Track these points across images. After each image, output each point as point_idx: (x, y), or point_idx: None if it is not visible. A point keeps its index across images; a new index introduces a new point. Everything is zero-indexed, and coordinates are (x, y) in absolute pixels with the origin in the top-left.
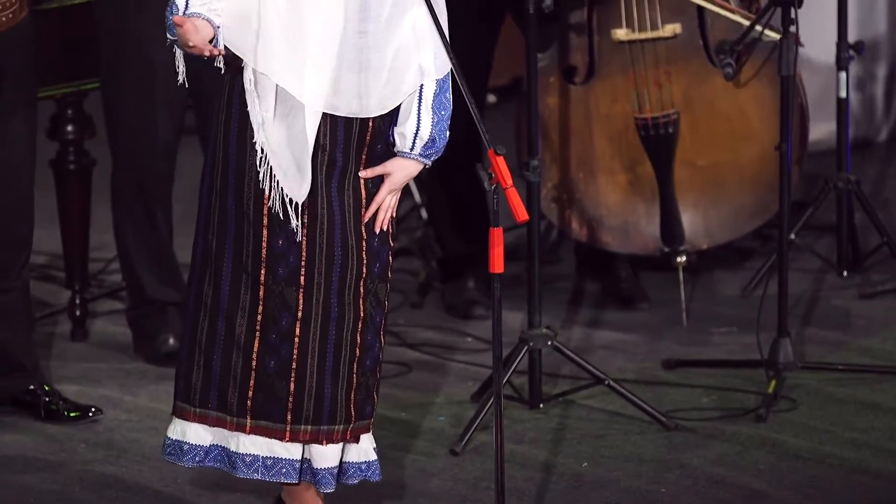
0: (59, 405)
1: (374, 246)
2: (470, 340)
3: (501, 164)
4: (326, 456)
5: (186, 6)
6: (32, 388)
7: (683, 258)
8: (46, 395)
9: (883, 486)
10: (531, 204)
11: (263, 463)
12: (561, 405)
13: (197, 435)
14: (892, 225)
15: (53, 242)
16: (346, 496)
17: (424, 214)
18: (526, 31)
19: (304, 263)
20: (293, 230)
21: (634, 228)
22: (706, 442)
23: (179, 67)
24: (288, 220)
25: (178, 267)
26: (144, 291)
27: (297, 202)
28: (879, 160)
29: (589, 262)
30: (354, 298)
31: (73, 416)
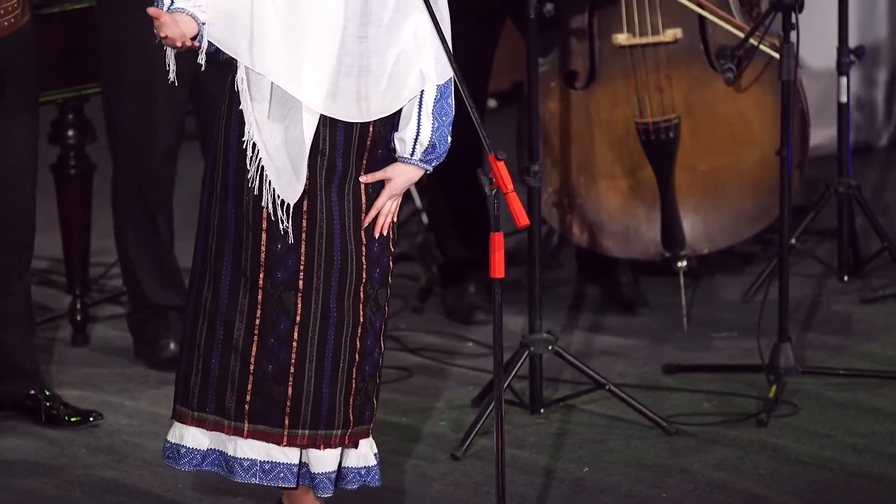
0: (59, 410)
1: (373, 251)
2: (471, 345)
3: (502, 168)
4: (324, 461)
5: (172, 2)
6: (33, 392)
7: (684, 263)
8: (47, 399)
9: (884, 490)
10: (532, 209)
11: (261, 467)
12: (562, 410)
13: (194, 439)
14: (892, 230)
15: (54, 247)
16: (346, 501)
17: (425, 219)
18: (527, 35)
19: (302, 268)
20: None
21: (635, 233)
22: (707, 447)
23: (170, 66)
24: (280, 221)
25: (179, 271)
26: (145, 296)
27: (289, 204)
28: (880, 165)
29: (590, 266)
30: (354, 303)
31: (73, 420)
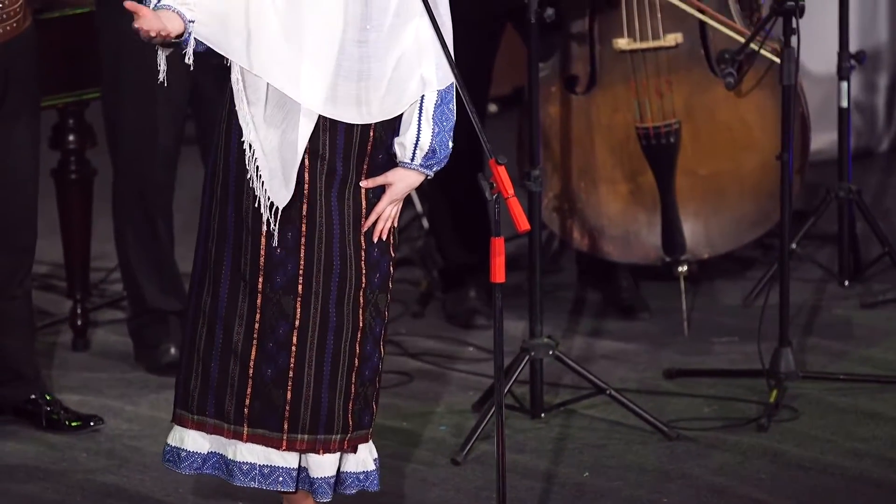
0: (60, 414)
1: (373, 256)
2: (471, 350)
3: (503, 173)
4: (323, 465)
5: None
6: (34, 397)
7: (685, 268)
8: (48, 404)
9: (884, 495)
10: (532, 214)
11: (260, 471)
12: (562, 415)
13: (195, 442)
14: (893, 234)
15: (55, 252)
16: None
17: (426, 224)
18: (527, 40)
19: (301, 272)
20: (290, 238)
21: (636, 238)
22: (707, 451)
23: (161, 67)
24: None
25: (179, 276)
26: (145, 301)
27: (277, 207)
28: (881, 170)
29: (590, 271)
30: (354, 308)
31: (74, 425)
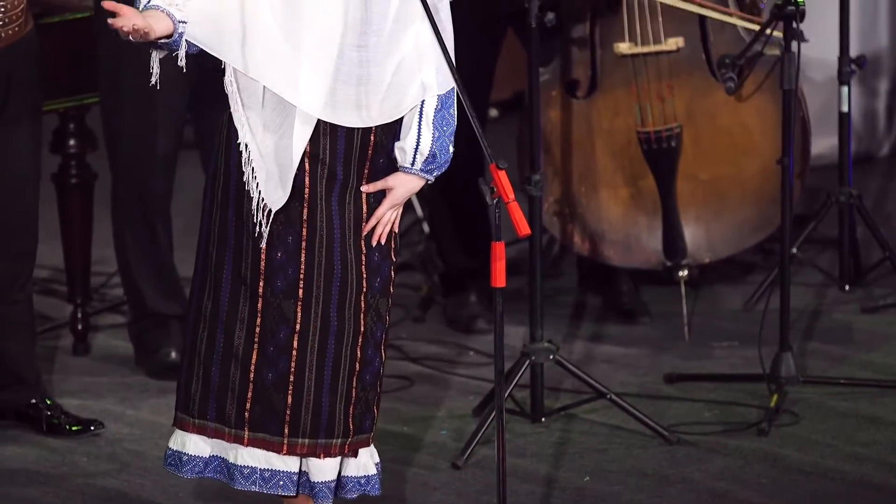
0: (60, 419)
1: (374, 261)
2: (472, 354)
3: (503, 178)
4: (324, 469)
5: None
6: (34, 401)
7: (685, 272)
8: (48, 408)
9: (885, 499)
10: (533, 218)
11: (261, 475)
12: (563, 419)
13: (196, 446)
14: (893, 239)
15: (55, 256)
16: None
17: (426, 228)
18: (528, 44)
19: (302, 276)
20: (291, 242)
21: (636, 242)
22: (708, 456)
23: (154, 69)
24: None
25: (179, 280)
26: (146, 305)
27: (270, 210)
28: (881, 174)
29: (591, 276)
30: (355, 313)
31: (74, 429)
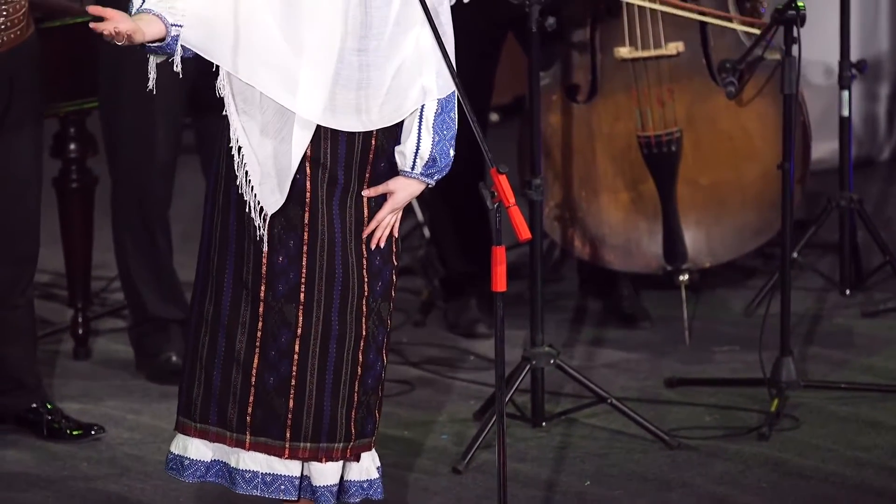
0: (61, 423)
1: (375, 265)
2: (472, 359)
3: (504, 182)
4: (326, 474)
5: (143, 2)
6: (35, 406)
7: (686, 277)
8: (49, 413)
9: None
10: (534, 222)
11: (263, 479)
12: (563, 424)
13: (198, 450)
14: (894, 244)
15: (56, 261)
16: None
17: (427, 233)
18: (528, 49)
19: (304, 281)
20: (292, 246)
21: (637, 247)
22: (709, 460)
23: (152, 74)
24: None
25: (179, 284)
26: (146, 309)
27: (267, 213)
28: (882, 179)
29: (591, 280)
30: (357, 317)
31: (75, 434)
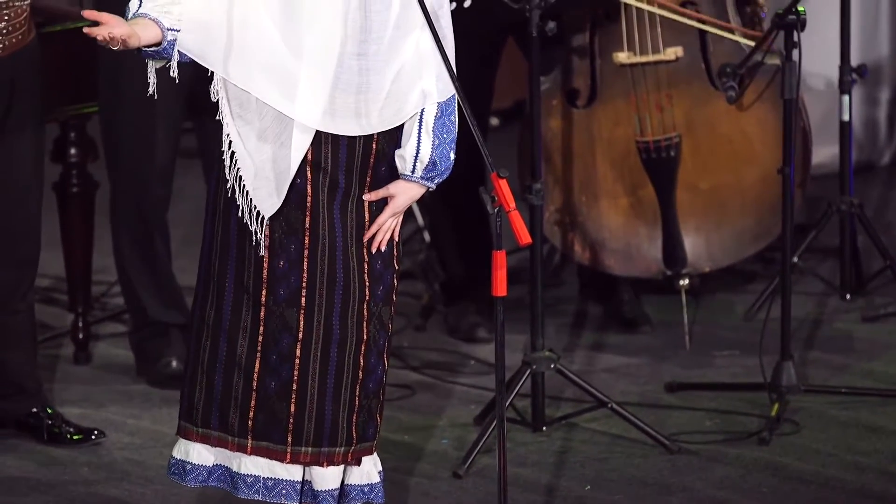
0: (61, 428)
1: (376, 269)
2: (473, 363)
3: (504, 187)
4: (327, 478)
5: (139, 6)
6: (35, 410)
7: (686, 281)
8: (49, 417)
9: None
10: (534, 227)
11: (264, 484)
12: (564, 428)
13: (200, 455)
14: (894, 248)
15: (57, 265)
16: None
17: (427, 237)
18: (528, 53)
19: (305, 285)
20: (293, 250)
21: (637, 251)
22: (709, 465)
23: (151, 79)
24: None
25: (179, 289)
26: (146, 314)
27: (263, 216)
28: (882, 183)
29: (592, 285)
30: (357, 321)
31: (76, 438)
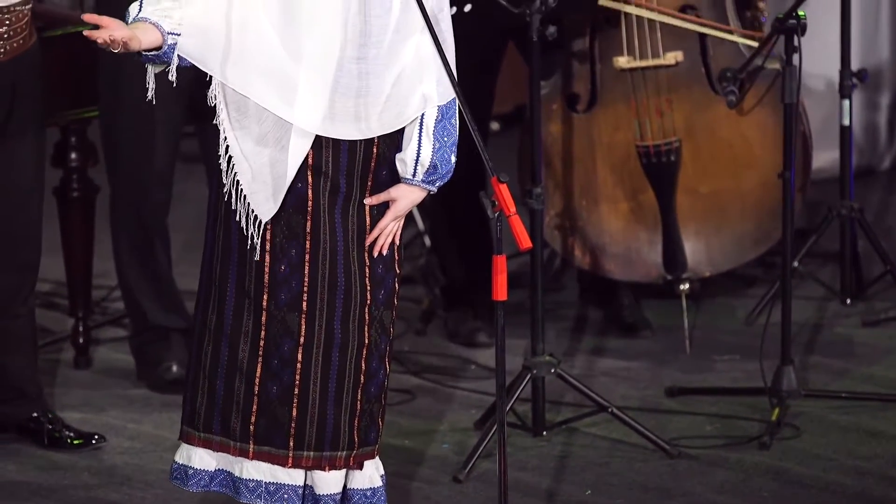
0: (62, 432)
1: (378, 273)
2: (473, 368)
3: (504, 191)
4: (329, 482)
5: (139, 10)
6: (36, 415)
7: (686, 286)
8: (50, 422)
9: None
10: (534, 232)
11: (266, 488)
12: (564, 433)
13: (202, 460)
14: (895, 253)
15: (57, 270)
16: None
17: (428, 242)
18: (529, 58)
19: (306, 289)
20: (294, 255)
21: (637, 256)
22: (709, 470)
23: (150, 83)
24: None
25: (178, 293)
26: (146, 318)
27: (261, 220)
28: (882, 188)
29: (592, 289)
30: (359, 325)
31: (76, 443)
